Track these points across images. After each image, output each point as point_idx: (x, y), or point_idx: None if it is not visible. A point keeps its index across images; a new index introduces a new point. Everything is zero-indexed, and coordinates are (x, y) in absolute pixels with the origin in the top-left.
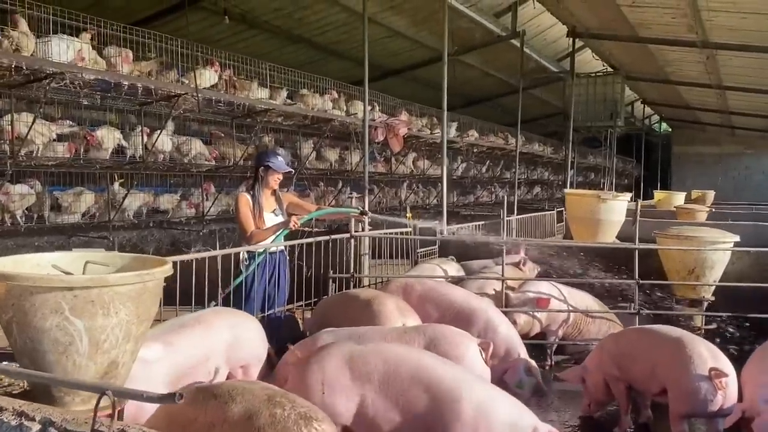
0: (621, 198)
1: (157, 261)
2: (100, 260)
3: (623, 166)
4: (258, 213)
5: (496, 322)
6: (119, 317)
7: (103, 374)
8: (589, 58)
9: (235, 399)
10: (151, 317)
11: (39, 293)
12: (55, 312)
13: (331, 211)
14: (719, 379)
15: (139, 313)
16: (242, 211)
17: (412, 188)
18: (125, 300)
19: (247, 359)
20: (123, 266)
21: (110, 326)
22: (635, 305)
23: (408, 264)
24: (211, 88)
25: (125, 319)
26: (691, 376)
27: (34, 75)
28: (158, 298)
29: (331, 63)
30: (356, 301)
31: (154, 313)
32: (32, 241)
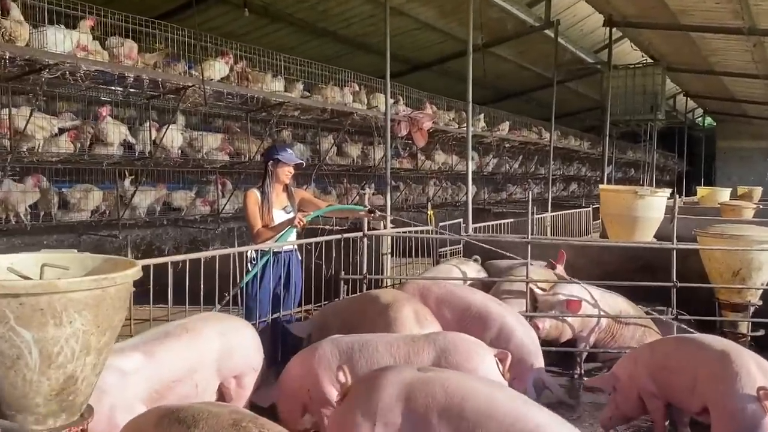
0: (660, 194)
1: (126, 263)
2: (66, 262)
3: (664, 162)
4: (267, 210)
5: (510, 328)
6: (74, 327)
7: (59, 390)
8: (628, 50)
9: (198, 424)
10: (116, 326)
11: None
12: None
13: (337, 208)
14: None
15: (99, 322)
16: (250, 208)
17: (440, 185)
18: (80, 308)
19: (240, 369)
20: (94, 269)
21: (64, 337)
22: (673, 310)
23: (430, 264)
24: (223, 80)
25: (81, 329)
26: (737, 395)
27: (30, 66)
28: (124, 305)
29: (357, 57)
30: (372, 305)
31: (119, 322)
32: (40, 240)
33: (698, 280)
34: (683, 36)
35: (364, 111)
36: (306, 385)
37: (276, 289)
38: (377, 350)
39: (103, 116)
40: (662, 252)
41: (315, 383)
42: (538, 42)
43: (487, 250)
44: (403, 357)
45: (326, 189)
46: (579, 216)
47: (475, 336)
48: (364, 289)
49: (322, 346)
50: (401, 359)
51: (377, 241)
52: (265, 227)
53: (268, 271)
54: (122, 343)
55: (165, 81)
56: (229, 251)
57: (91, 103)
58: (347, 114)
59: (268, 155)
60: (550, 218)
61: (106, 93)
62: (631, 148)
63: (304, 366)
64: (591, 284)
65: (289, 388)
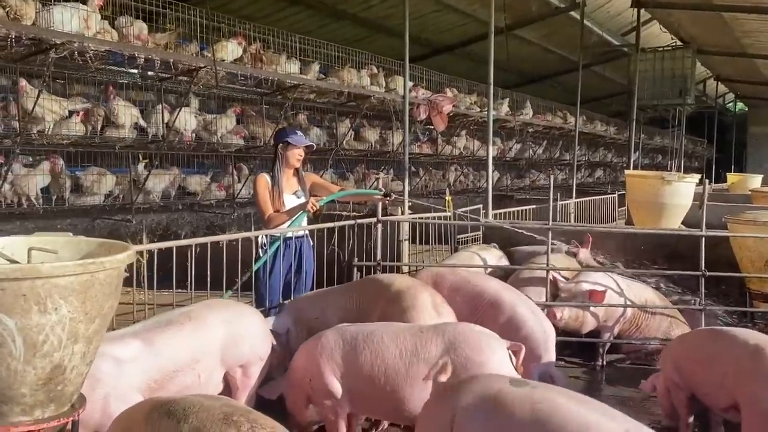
0: (687, 179)
1: (120, 247)
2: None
3: (693, 148)
4: (278, 195)
5: (521, 318)
6: (60, 314)
7: (46, 380)
8: (657, 32)
9: (188, 417)
10: (106, 314)
11: None
12: None
13: (352, 193)
14: None
15: (87, 309)
16: (260, 192)
17: (462, 171)
18: (66, 294)
19: (246, 358)
20: (88, 253)
21: (49, 325)
22: (701, 300)
23: (448, 251)
24: (236, 62)
25: (68, 316)
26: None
27: (36, 46)
28: (115, 291)
29: (378, 40)
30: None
31: (110, 309)
32: (54, 224)
33: (728, 269)
34: (715, 16)
35: (382, 94)
36: (308, 375)
37: (287, 276)
38: (382, 341)
39: (112, 93)
40: (690, 239)
41: (317, 374)
42: (564, 24)
43: (507, 237)
44: (410, 349)
45: (344, 174)
46: (604, 202)
47: (487, 325)
48: None
49: (326, 335)
50: (408, 351)
51: (395, 227)
52: (277, 212)
53: (279, 257)
54: (122, 330)
55: (176, 62)
56: (238, 236)
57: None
58: (365, 97)
59: (277, 138)
60: (574, 205)
61: (119, 76)
62: (659, 134)
63: (307, 356)
64: (616, 272)
65: (294, 379)
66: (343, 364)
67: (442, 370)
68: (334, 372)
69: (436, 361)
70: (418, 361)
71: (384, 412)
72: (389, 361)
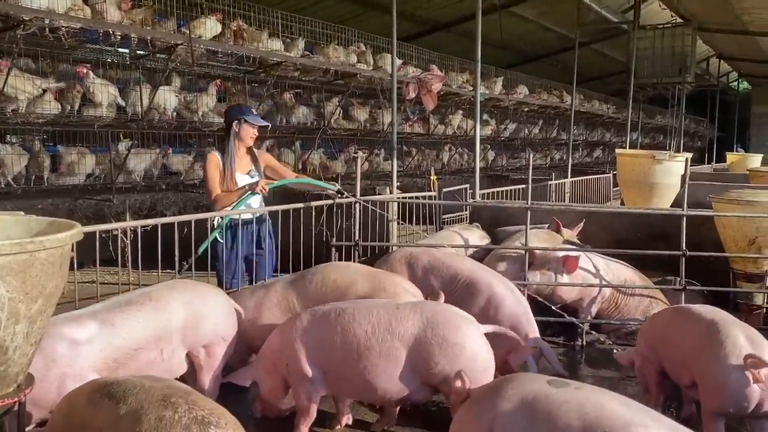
0: (678, 158)
1: (68, 226)
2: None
3: (695, 128)
4: (230, 174)
5: (500, 296)
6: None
7: None
8: (657, 9)
9: (127, 399)
10: (51, 293)
11: None
12: None
13: (305, 182)
14: (757, 369)
15: (27, 289)
16: (210, 172)
17: (456, 150)
18: (4, 273)
19: (208, 338)
20: (39, 232)
21: None
22: (681, 280)
23: (433, 231)
24: (216, 38)
25: (6, 296)
26: (722, 366)
27: (3, 23)
28: (59, 271)
29: (372, 18)
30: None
31: (55, 289)
32: (35, 204)
33: (714, 249)
34: None
35: (370, 72)
36: (284, 359)
37: (248, 257)
38: (354, 318)
39: (84, 73)
40: (676, 220)
41: (292, 357)
42: (561, 1)
43: (494, 217)
44: (384, 325)
45: (333, 155)
46: (599, 182)
47: (464, 305)
48: (357, 255)
49: (299, 317)
50: (382, 327)
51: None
52: (225, 192)
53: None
54: (81, 310)
55: (154, 39)
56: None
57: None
58: (351, 75)
59: (231, 115)
60: (569, 184)
61: (99, 54)
62: (660, 113)
63: (282, 340)
64: (596, 252)
65: (269, 363)
66: (318, 345)
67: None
68: (310, 353)
69: (411, 339)
70: (392, 338)
71: (360, 393)
72: (361, 337)
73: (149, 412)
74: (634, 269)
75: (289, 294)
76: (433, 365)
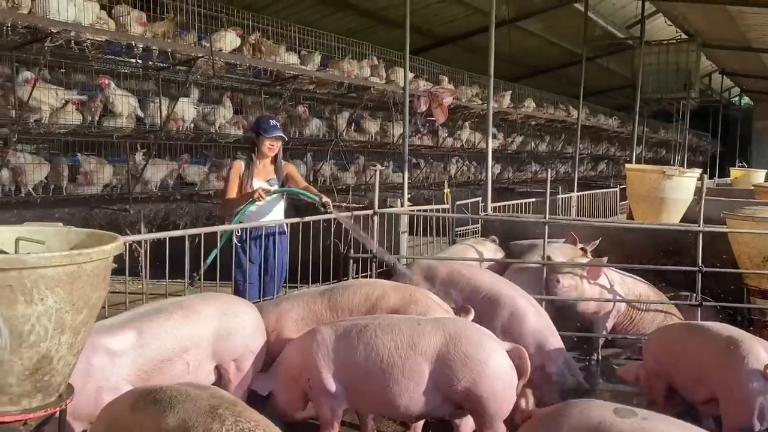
0: (688, 174)
1: (109, 238)
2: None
3: (698, 142)
4: (248, 182)
5: (523, 310)
6: (46, 305)
7: (33, 370)
8: (662, 25)
9: (174, 407)
10: (95, 304)
11: None
12: None
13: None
14: None
15: (74, 300)
16: (231, 176)
17: (462, 163)
18: (53, 285)
19: (239, 351)
20: (77, 244)
21: (35, 315)
22: (697, 296)
23: (446, 244)
24: (235, 52)
25: (54, 306)
26: (745, 380)
27: (32, 35)
28: (103, 282)
29: (381, 31)
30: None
31: (98, 300)
32: (52, 213)
33: (727, 265)
34: (720, 10)
35: (382, 85)
36: (305, 373)
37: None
38: (377, 334)
39: (106, 84)
40: (689, 235)
41: (314, 371)
42: (568, 16)
43: (506, 230)
44: (407, 341)
45: (344, 166)
46: (606, 196)
47: (486, 319)
48: (374, 267)
49: (320, 331)
50: (404, 344)
51: (392, 219)
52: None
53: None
54: (110, 319)
55: (174, 52)
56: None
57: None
58: (365, 88)
59: (254, 127)
60: (576, 198)
61: (119, 65)
62: (664, 128)
63: (303, 354)
64: (612, 267)
65: (288, 376)
66: (339, 360)
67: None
68: (331, 368)
69: (433, 355)
70: (415, 354)
71: (382, 408)
72: (384, 354)
73: (197, 425)
74: (648, 284)
75: (317, 306)
76: (456, 382)
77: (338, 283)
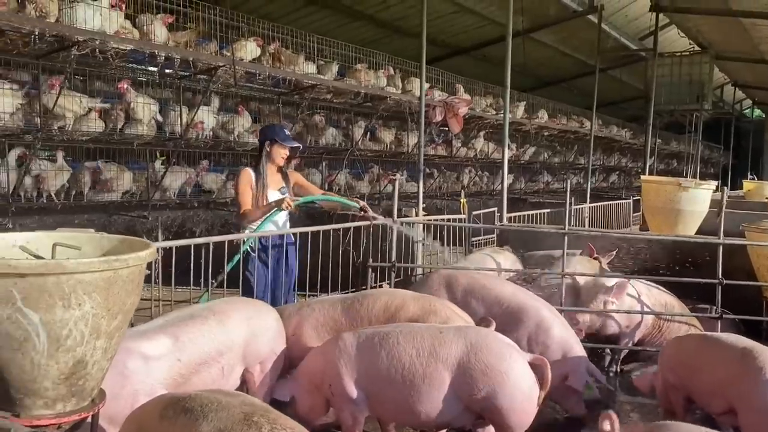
0: (704, 186)
1: (142, 245)
2: (81, 242)
3: (709, 154)
4: (261, 190)
5: (549, 321)
6: (83, 310)
7: (68, 375)
8: (675, 37)
9: (207, 416)
10: (129, 310)
11: None
12: (5, 302)
13: (331, 199)
14: None
15: (110, 305)
16: (241, 187)
17: (476, 173)
18: (90, 290)
19: (264, 355)
20: (109, 250)
21: (73, 320)
22: (717, 309)
23: (462, 253)
24: (254, 61)
25: (91, 312)
26: (763, 391)
27: (59, 43)
28: (137, 288)
29: (395, 41)
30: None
31: (131, 306)
32: (72, 219)
33: (744, 278)
34: (734, 22)
35: (399, 95)
36: (327, 380)
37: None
38: (398, 341)
39: (125, 89)
40: (706, 247)
41: (336, 378)
42: (581, 28)
43: (522, 241)
44: (428, 349)
45: (359, 175)
46: (619, 208)
47: (511, 330)
48: (392, 277)
49: (343, 338)
50: (425, 351)
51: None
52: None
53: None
54: (145, 325)
55: (196, 60)
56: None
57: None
58: (381, 98)
59: (265, 135)
60: (588, 209)
61: (138, 73)
62: (675, 139)
63: (325, 361)
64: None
65: (310, 383)
66: (361, 367)
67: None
68: (353, 376)
69: (454, 363)
70: (436, 361)
71: (403, 416)
72: (405, 361)
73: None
74: (673, 295)
75: (336, 314)
76: (477, 391)
77: (358, 292)
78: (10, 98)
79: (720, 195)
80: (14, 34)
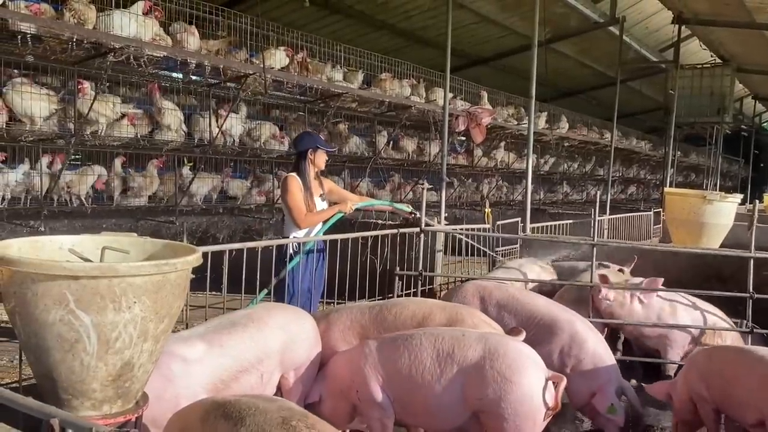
0: (730, 199)
1: (186, 249)
2: (126, 246)
3: (728, 167)
4: (310, 196)
5: (583, 336)
6: (133, 312)
7: (116, 377)
8: (695, 49)
9: (245, 421)
10: (174, 314)
11: (41, 281)
12: (58, 304)
13: (386, 203)
14: None
15: (158, 308)
16: (295, 193)
17: (495, 183)
18: (140, 293)
19: (301, 361)
20: (153, 254)
21: (122, 322)
22: (747, 323)
23: (483, 263)
24: (283, 70)
25: (140, 315)
26: None
27: (96, 50)
28: (183, 292)
29: (415, 51)
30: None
31: (177, 309)
32: (100, 223)
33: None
34: (757, 35)
35: (423, 105)
36: (354, 386)
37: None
38: (421, 344)
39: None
40: (731, 260)
41: (363, 384)
42: (602, 39)
43: (543, 251)
44: (447, 350)
45: (380, 183)
46: (639, 220)
47: (544, 344)
48: (419, 285)
49: (367, 344)
50: (445, 353)
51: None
52: (315, 212)
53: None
54: (188, 331)
55: (226, 68)
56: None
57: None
58: (405, 107)
59: (306, 142)
60: (608, 221)
61: (165, 80)
62: (695, 152)
63: (351, 366)
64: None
65: (336, 388)
66: (386, 370)
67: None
68: (379, 380)
69: (468, 365)
70: (452, 364)
71: (425, 419)
72: (426, 363)
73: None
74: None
75: (364, 320)
76: (481, 395)
77: (386, 300)
78: (46, 103)
79: (749, 208)
80: (53, 40)
